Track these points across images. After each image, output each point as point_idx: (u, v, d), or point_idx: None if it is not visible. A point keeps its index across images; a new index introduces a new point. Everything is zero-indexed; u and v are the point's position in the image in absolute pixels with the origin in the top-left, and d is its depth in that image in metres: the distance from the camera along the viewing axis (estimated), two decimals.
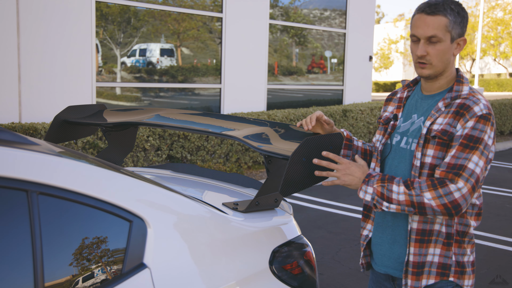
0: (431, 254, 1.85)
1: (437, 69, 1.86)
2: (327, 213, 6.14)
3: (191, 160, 7.33)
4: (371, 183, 1.79)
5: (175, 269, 1.66)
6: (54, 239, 1.44)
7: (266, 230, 2.01)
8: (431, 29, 1.82)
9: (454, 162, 1.73)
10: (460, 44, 1.87)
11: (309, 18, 10.87)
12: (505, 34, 34.78)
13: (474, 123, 1.76)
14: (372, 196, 1.78)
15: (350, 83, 11.52)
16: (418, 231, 1.85)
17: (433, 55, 1.84)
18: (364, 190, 1.80)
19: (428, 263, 1.85)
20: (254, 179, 2.56)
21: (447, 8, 1.81)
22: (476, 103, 1.79)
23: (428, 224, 1.84)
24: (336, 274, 4.26)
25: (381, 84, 35.01)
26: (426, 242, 1.85)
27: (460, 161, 1.72)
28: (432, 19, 1.82)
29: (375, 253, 2.03)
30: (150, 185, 1.73)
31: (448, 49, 1.84)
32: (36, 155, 1.49)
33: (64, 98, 7.07)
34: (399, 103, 2.03)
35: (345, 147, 2.08)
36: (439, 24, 1.81)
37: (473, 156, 1.72)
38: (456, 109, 1.82)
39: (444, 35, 1.82)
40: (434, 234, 1.84)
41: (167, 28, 8.54)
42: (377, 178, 1.79)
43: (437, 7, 1.82)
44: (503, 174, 8.80)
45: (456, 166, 1.72)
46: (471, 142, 1.73)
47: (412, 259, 1.85)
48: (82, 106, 2.71)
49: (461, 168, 1.71)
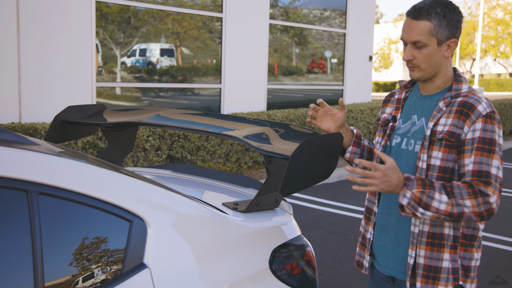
0: (446, 260, 1.82)
1: (427, 72, 1.85)
2: (327, 213, 6.14)
3: (191, 160, 7.33)
4: (410, 187, 1.71)
5: (175, 269, 1.66)
6: (54, 239, 1.44)
7: (266, 230, 2.01)
8: (415, 34, 1.80)
9: (479, 169, 1.72)
10: (451, 45, 1.84)
11: (309, 18, 10.87)
12: (505, 34, 34.78)
13: (483, 124, 1.75)
14: (408, 201, 1.70)
15: (350, 83, 11.52)
16: (429, 234, 1.83)
17: (420, 59, 1.83)
18: (403, 194, 1.71)
19: (445, 270, 1.82)
20: (254, 179, 2.56)
21: (431, 12, 1.79)
22: (478, 101, 1.79)
23: (438, 227, 1.82)
24: (336, 274, 4.26)
25: (381, 84, 35.02)
26: (437, 246, 1.82)
27: (484, 167, 1.72)
28: (416, 24, 1.80)
29: (378, 255, 2.02)
30: (150, 185, 1.73)
31: (434, 53, 1.82)
32: (36, 155, 1.49)
33: (64, 98, 7.07)
34: (398, 104, 2.02)
35: (354, 144, 2.07)
36: (423, 29, 1.79)
37: (493, 160, 1.73)
38: (459, 108, 1.81)
39: (428, 39, 1.80)
40: (445, 238, 1.83)
41: (167, 28, 8.54)
42: (417, 182, 1.72)
43: (421, 11, 1.79)
44: (503, 174, 8.79)
45: (482, 174, 1.72)
46: (486, 145, 1.74)
47: (423, 262, 1.83)
48: (82, 106, 2.71)
49: (488, 175, 1.71)
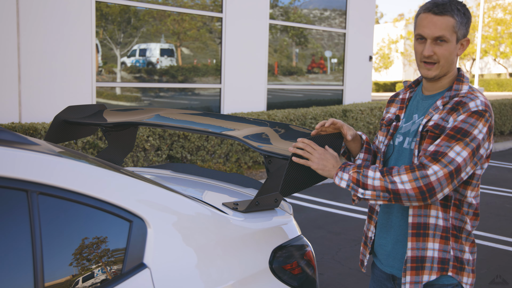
0: (431, 249, 1.84)
1: (443, 70, 1.86)
2: (327, 213, 6.14)
3: (191, 160, 7.33)
4: (347, 170, 1.78)
5: (175, 269, 1.66)
6: (54, 239, 1.44)
7: (266, 230, 2.01)
8: (439, 30, 1.81)
9: (436, 149, 1.72)
10: (464, 44, 1.87)
11: (309, 18, 10.87)
12: (505, 34, 34.78)
13: (466, 117, 1.75)
14: (347, 183, 1.77)
15: (350, 83, 11.52)
16: (413, 225, 1.85)
17: (440, 55, 1.83)
18: (340, 176, 1.79)
19: (429, 259, 1.84)
20: (254, 179, 2.56)
21: (454, 8, 1.81)
22: (472, 100, 1.79)
23: (422, 217, 1.84)
24: (336, 274, 4.26)
25: (381, 84, 35.01)
26: (423, 235, 1.84)
27: (442, 148, 1.71)
28: (440, 19, 1.81)
29: (379, 254, 2.03)
30: (150, 185, 1.73)
31: (453, 50, 1.84)
32: (36, 155, 1.49)
33: (64, 98, 7.07)
34: (402, 104, 2.04)
35: (365, 151, 2.06)
36: (447, 25, 1.80)
37: (456, 146, 1.71)
38: (452, 105, 1.82)
39: (451, 35, 1.81)
40: (431, 228, 1.84)
41: (167, 28, 8.53)
42: (354, 165, 1.80)
43: (445, 7, 1.80)
44: (503, 174, 8.80)
45: (437, 153, 1.71)
46: (458, 134, 1.72)
47: (410, 254, 1.85)
48: (82, 106, 2.71)
49: (441, 155, 1.70)
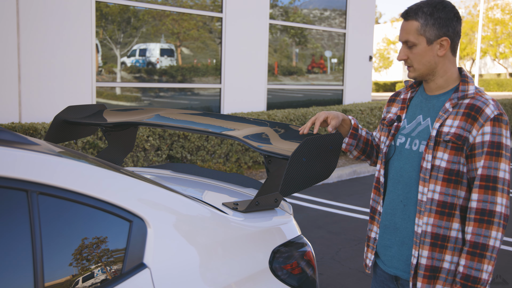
0: (448, 261, 1.82)
1: (420, 72, 1.89)
2: (327, 213, 6.14)
3: (191, 160, 7.33)
4: None
5: (175, 269, 1.66)
6: (54, 239, 1.44)
7: (266, 230, 2.01)
8: (404, 34, 1.88)
9: (487, 174, 1.76)
10: (444, 44, 1.86)
11: (309, 18, 10.87)
12: (504, 35, 34.78)
13: (491, 128, 1.77)
14: None
15: (350, 83, 11.52)
16: (433, 235, 1.83)
17: (412, 58, 1.88)
18: None
19: (445, 270, 1.83)
20: (254, 179, 2.56)
21: (418, 11, 1.85)
22: (486, 104, 1.80)
23: (443, 229, 1.82)
24: (336, 274, 4.26)
25: (381, 84, 35.01)
26: (440, 247, 1.82)
27: (492, 171, 1.76)
28: (406, 24, 1.88)
29: (383, 255, 2.02)
30: (150, 185, 1.73)
31: (425, 52, 1.85)
32: (36, 155, 1.49)
33: (64, 98, 7.07)
34: (403, 104, 2.02)
35: (351, 136, 2.08)
36: (410, 29, 1.85)
37: (500, 164, 1.76)
38: (466, 110, 1.81)
39: (417, 39, 1.85)
40: (451, 241, 1.82)
41: (167, 28, 8.53)
42: None
43: (409, 12, 1.86)
44: None
45: (490, 178, 1.76)
46: (495, 149, 1.76)
47: (425, 262, 1.84)
48: (82, 106, 2.71)
49: (495, 180, 1.76)
